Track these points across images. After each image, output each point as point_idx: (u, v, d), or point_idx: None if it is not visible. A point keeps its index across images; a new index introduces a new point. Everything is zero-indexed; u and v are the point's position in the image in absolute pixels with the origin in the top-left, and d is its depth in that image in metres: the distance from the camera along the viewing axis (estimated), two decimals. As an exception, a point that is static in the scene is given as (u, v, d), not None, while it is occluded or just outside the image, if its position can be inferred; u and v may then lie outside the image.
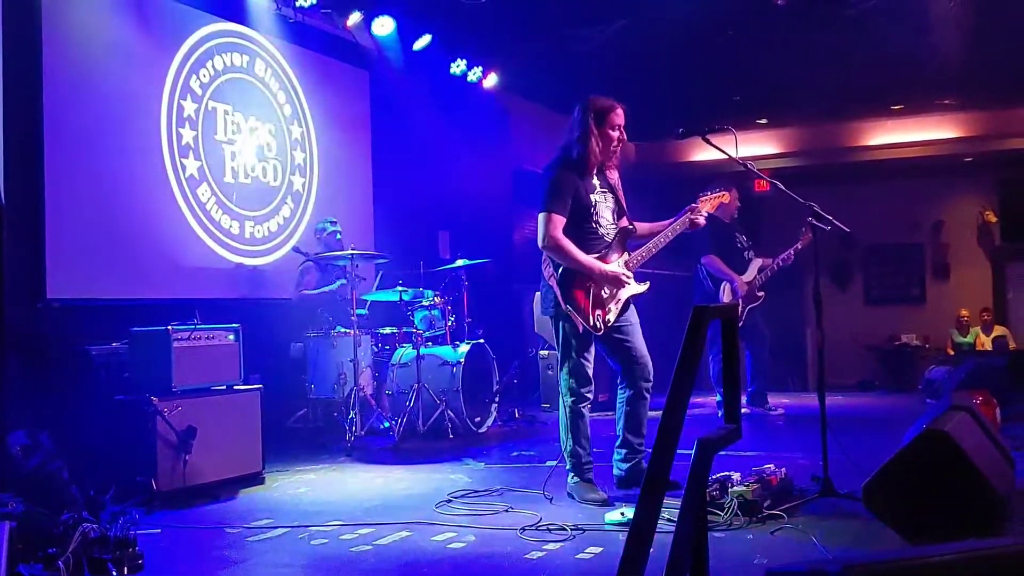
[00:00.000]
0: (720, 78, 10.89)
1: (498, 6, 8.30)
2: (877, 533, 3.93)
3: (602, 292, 4.90)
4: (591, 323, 4.85)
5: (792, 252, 8.05)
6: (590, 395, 5.01)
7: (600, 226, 4.98)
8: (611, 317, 4.94)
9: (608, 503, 4.77)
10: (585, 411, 5.01)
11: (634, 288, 5.02)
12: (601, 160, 5.00)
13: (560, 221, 4.84)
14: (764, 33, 9.23)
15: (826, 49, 9.80)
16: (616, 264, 4.97)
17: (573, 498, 4.95)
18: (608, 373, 6.28)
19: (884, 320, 15.07)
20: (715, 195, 5.37)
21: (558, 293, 4.86)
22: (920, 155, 13.44)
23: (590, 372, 4.99)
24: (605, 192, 5.05)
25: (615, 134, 4.98)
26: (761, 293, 8.11)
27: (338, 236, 7.72)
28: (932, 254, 15.16)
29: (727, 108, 12.05)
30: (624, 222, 5.10)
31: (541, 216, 4.86)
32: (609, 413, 5.19)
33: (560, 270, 4.87)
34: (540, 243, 4.87)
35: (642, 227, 5.16)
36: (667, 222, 5.18)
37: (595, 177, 5.02)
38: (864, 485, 3.94)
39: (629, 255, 5.07)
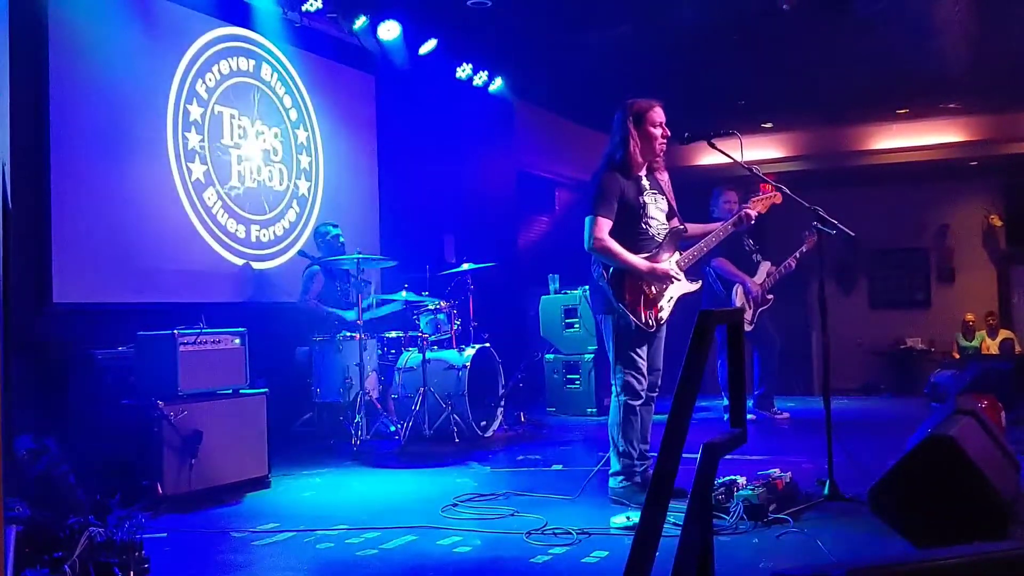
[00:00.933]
0: (725, 82, 10.89)
1: (503, 11, 8.32)
2: (883, 537, 3.92)
3: (653, 290, 4.92)
4: (643, 320, 4.86)
5: (798, 254, 8.07)
6: (643, 392, 4.98)
7: (650, 227, 4.99)
8: (663, 315, 4.97)
9: None
10: (639, 409, 4.97)
11: (685, 286, 5.05)
12: (644, 161, 5.01)
13: (606, 224, 4.84)
14: (769, 37, 9.24)
15: (831, 53, 9.80)
16: (666, 263, 4.97)
17: (623, 504, 4.85)
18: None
19: (889, 324, 15.06)
20: (766, 196, 5.36)
21: (610, 292, 4.87)
22: (925, 159, 13.42)
23: (645, 369, 4.97)
24: (655, 193, 5.06)
25: (657, 132, 4.98)
26: (770, 296, 8.13)
27: (341, 239, 7.69)
28: (937, 258, 15.14)
29: (733, 112, 12.05)
30: (675, 222, 5.12)
31: (587, 219, 4.87)
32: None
33: (611, 270, 4.89)
34: (586, 246, 4.87)
35: (693, 228, 5.19)
36: (717, 224, 5.26)
37: (645, 179, 5.03)
38: (870, 489, 3.93)
39: (680, 255, 5.09)
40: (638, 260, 4.87)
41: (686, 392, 2.15)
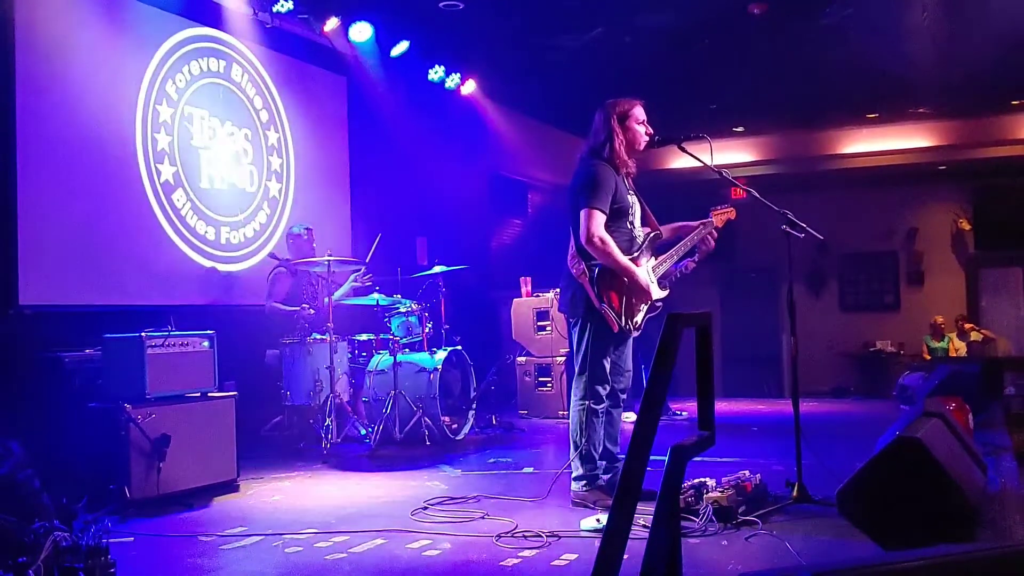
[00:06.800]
0: (697, 86, 10.94)
1: (475, 13, 8.31)
2: (851, 539, 3.94)
3: (634, 295, 4.89)
4: (623, 323, 4.82)
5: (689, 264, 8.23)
6: (606, 396, 4.96)
7: (634, 227, 4.98)
8: (639, 319, 4.94)
9: None
10: (603, 412, 4.96)
11: (658, 293, 5.01)
12: (630, 159, 4.98)
13: (603, 218, 4.77)
14: (740, 42, 9.29)
15: (802, 58, 9.88)
16: (646, 269, 4.94)
17: (586, 507, 4.84)
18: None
19: (859, 327, 15.18)
20: (724, 210, 5.37)
21: (592, 292, 4.79)
22: (895, 163, 13.54)
23: (609, 373, 4.95)
24: (634, 195, 5.05)
25: (641, 128, 4.97)
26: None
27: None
28: (907, 261, 15.28)
29: (703, 116, 12.10)
30: (649, 228, 5.11)
31: (584, 212, 4.75)
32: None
33: (596, 269, 4.81)
34: (584, 240, 4.74)
35: (665, 229, 5.19)
36: (682, 225, 5.24)
37: (625, 180, 5.01)
38: (838, 491, 3.95)
39: (656, 259, 5.07)
40: (631, 266, 4.81)
41: (655, 394, 2.15)
